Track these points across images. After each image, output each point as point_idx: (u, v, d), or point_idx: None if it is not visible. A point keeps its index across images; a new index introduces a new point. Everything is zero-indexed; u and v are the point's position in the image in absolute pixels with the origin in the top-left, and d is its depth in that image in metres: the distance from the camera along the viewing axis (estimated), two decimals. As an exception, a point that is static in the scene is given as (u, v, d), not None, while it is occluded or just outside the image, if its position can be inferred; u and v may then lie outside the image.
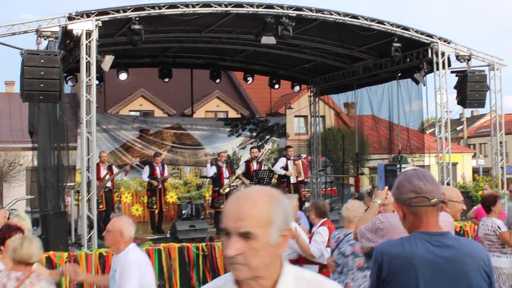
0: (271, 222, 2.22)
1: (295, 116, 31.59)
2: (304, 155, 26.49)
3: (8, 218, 8.65)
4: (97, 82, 15.54)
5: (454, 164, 34.79)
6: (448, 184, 15.46)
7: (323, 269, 7.51)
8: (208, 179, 17.20)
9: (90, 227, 12.13)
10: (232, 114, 32.58)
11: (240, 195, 2.29)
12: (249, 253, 2.19)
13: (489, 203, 8.37)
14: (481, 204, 8.79)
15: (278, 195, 2.31)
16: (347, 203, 7.30)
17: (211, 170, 15.65)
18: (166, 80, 19.92)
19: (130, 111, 30.97)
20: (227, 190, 15.35)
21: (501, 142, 16.90)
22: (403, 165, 20.35)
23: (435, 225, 3.14)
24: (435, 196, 3.12)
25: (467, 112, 48.19)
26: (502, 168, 16.82)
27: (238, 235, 2.20)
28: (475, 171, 38.77)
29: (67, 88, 17.26)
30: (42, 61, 11.46)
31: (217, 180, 15.58)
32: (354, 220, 6.22)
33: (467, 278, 3.05)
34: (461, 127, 52.47)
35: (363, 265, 6.19)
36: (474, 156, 43.73)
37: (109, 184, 15.10)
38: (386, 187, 5.25)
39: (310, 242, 7.41)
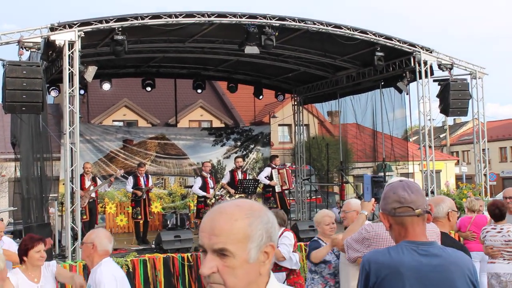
0: (249, 238, 2.05)
1: (279, 125, 31.67)
2: (288, 164, 26.55)
3: None
4: (81, 92, 15.55)
5: (438, 172, 35.07)
6: (432, 192, 15.56)
7: (290, 275, 7.63)
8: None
9: (74, 238, 12.04)
10: (216, 123, 32.57)
11: (216, 209, 2.13)
12: (225, 271, 2.04)
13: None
14: (489, 212, 8.70)
15: (259, 209, 2.14)
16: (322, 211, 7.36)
17: (198, 183, 15.60)
18: (149, 89, 19.88)
19: (113, 121, 30.84)
20: (213, 200, 15.34)
21: (483, 150, 17.02)
22: (387, 173, 20.50)
23: (422, 234, 3.17)
24: (419, 206, 3.14)
25: (450, 120, 48.76)
26: (485, 175, 16.92)
27: (213, 252, 2.05)
28: (458, 178, 39.04)
29: (50, 98, 17.18)
30: (24, 72, 11.38)
31: (203, 190, 15.53)
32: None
33: (453, 286, 3.09)
34: (444, 134, 52.90)
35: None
36: (457, 164, 44.04)
37: (93, 194, 15.02)
38: (373, 199, 5.27)
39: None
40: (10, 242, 9.04)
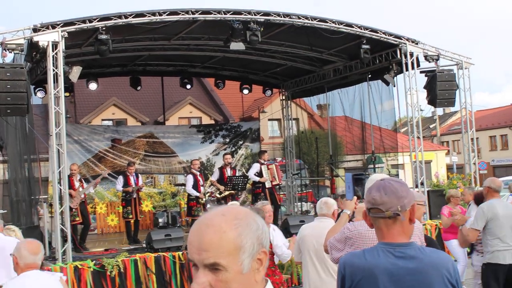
0: (240, 248, 1.97)
1: (269, 119, 31.66)
2: (279, 159, 26.54)
3: None
4: (67, 93, 15.45)
5: (428, 162, 35.21)
6: (422, 183, 15.59)
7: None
8: (183, 187, 17.14)
9: (64, 240, 11.99)
10: (206, 119, 32.52)
11: (203, 221, 2.03)
12: (218, 286, 1.96)
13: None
14: (475, 201, 8.75)
15: (247, 216, 2.04)
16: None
17: (189, 181, 15.56)
18: (138, 88, 19.82)
19: (102, 120, 30.77)
20: (204, 199, 15.32)
21: (472, 139, 17.06)
22: (377, 165, 20.52)
23: (398, 235, 3.11)
24: (390, 208, 3.08)
25: (440, 110, 48.86)
26: (474, 164, 16.96)
27: (204, 266, 1.97)
28: (449, 168, 39.14)
29: (37, 99, 17.08)
30: (8, 74, 11.31)
31: (194, 188, 15.48)
32: None
33: None
34: (434, 125, 52.99)
35: None
36: (448, 153, 44.16)
37: (82, 196, 14.95)
38: (355, 197, 5.25)
39: None
40: None
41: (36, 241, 5.67)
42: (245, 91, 21.22)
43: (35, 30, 11.91)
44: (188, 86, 20.48)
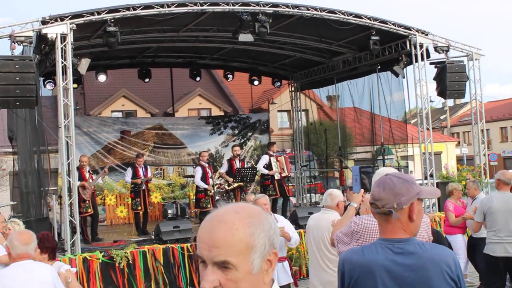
0: (251, 248, 1.94)
1: (278, 111, 31.62)
2: (288, 150, 26.54)
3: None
4: (75, 85, 15.50)
5: (438, 154, 35.10)
6: (431, 175, 15.52)
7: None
8: (192, 179, 17.15)
9: (73, 231, 12.05)
10: (215, 111, 32.51)
11: (215, 217, 1.98)
12: (227, 285, 1.92)
13: None
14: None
15: (260, 215, 2.01)
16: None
17: (198, 173, 15.54)
18: (147, 80, 19.83)
19: (112, 111, 30.81)
20: (212, 191, 15.32)
21: (482, 131, 16.96)
22: (386, 157, 20.45)
23: (397, 231, 3.09)
24: (385, 204, 3.07)
25: (450, 101, 48.61)
26: (484, 155, 16.88)
27: (213, 264, 1.93)
28: (459, 159, 39.02)
29: (47, 91, 17.13)
30: (17, 66, 11.35)
31: (203, 180, 15.46)
32: None
33: (429, 284, 3.01)
34: (444, 116, 52.80)
35: None
36: (458, 145, 44.00)
37: (92, 187, 14.99)
38: (362, 190, 5.22)
39: None
40: None
41: (28, 232, 5.77)
42: (255, 83, 21.21)
43: (43, 22, 11.92)
44: (198, 78, 20.47)
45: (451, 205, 11.17)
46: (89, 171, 14.99)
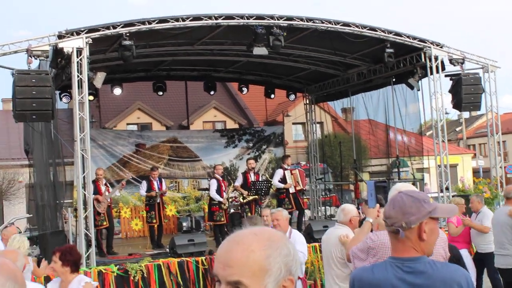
0: (266, 271, 1.91)
1: (293, 123, 31.60)
2: (303, 162, 26.49)
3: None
4: (91, 97, 15.59)
5: (454, 166, 34.89)
6: (447, 188, 15.41)
7: None
8: (207, 192, 17.15)
9: (89, 244, 12.08)
10: (230, 123, 32.54)
11: (234, 238, 2.00)
12: None
13: None
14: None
15: (279, 239, 1.99)
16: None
17: (213, 185, 15.51)
18: (161, 93, 19.90)
19: (127, 124, 30.95)
20: (227, 204, 15.31)
21: (499, 143, 16.84)
22: (401, 169, 20.37)
23: (407, 250, 3.04)
24: (394, 223, 3.03)
25: (466, 113, 48.28)
26: (501, 168, 16.76)
27: (227, 284, 1.92)
28: (475, 171, 38.72)
29: (63, 104, 17.26)
30: (34, 80, 11.45)
31: (218, 193, 15.43)
32: None
33: None
34: (460, 128, 52.49)
35: None
36: (474, 157, 43.67)
37: (108, 200, 15.04)
38: (378, 205, 5.18)
39: None
40: None
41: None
42: (271, 96, 21.27)
43: (60, 36, 12.02)
44: (212, 92, 20.50)
45: (453, 217, 11.08)
46: (105, 184, 15.06)
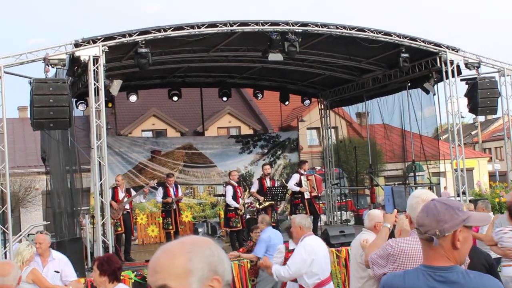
0: (189, 271, 2.04)
1: (307, 128, 31.56)
2: (318, 167, 26.46)
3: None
4: (109, 104, 15.67)
5: (470, 170, 34.65)
6: (463, 193, 15.32)
7: None
8: (223, 198, 17.17)
9: (106, 251, 12.13)
10: (245, 129, 32.55)
11: (163, 248, 2.14)
12: None
13: None
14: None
15: (201, 243, 2.13)
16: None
17: (229, 192, 15.51)
18: (176, 99, 19.98)
19: (142, 131, 31.05)
20: (243, 210, 15.31)
21: (515, 147, 16.71)
22: (417, 173, 20.28)
23: (439, 258, 3.00)
24: (428, 231, 2.99)
25: (481, 117, 47.96)
26: (517, 172, 16.65)
27: None
28: (491, 175, 38.47)
29: (79, 111, 17.37)
30: (51, 89, 11.56)
31: (233, 199, 15.44)
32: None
33: None
34: (475, 131, 52.18)
35: None
36: (490, 160, 43.40)
37: (127, 206, 15.06)
38: (395, 210, 5.16)
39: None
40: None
41: (7, 262, 5.75)
42: (286, 103, 21.33)
43: (76, 45, 12.13)
44: (225, 98, 20.53)
45: None
46: (126, 190, 15.10)
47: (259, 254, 10.03)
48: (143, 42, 12.77)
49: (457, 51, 15.36)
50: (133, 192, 15.43)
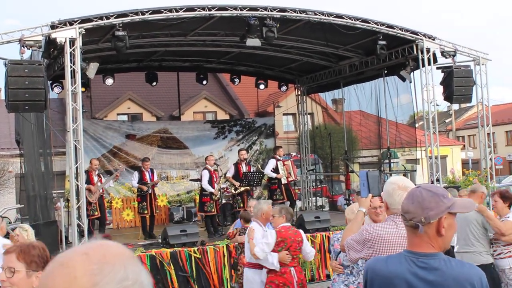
0: None
1: (284, 114, 31.59)
2: (294, 153, 26.51)
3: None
4: (83, 89, 15.53)
5: (444, 157, 35.00)
6: (437, 179, 15.51)
7: (268, 273, 7.83)
8: (198, 182, 17.12)
9: (81, 235, 12.09)
10: (221, 114, 32.46)
11: (60, 257, 1.56)
12: None
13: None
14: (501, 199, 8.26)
15: (114, 260, 1.53)
16: (352, 204, 7.38)
17: (205, 176, 15.45)
18: (154, 84, 19.90)
19: (118, 114, 30.77)
20: (218, 196, 15.29)
21: (488, 134, 16.92)
22: (392, 160, 20.45)
23: (423, 245, 3.02)
24: (413, 217, 3.01)
25: (455, 105, 48.44)
26: (490, 159, 16.87)
27: None
28: (464, 163, 38.95)
29: (54, 93, 17.19)
30: (26, 70, 11.42)
31: (209, 184, 15.40)
32: None
33: None
34: (449, 119, 52.72)
35: None
36: (463, 148, 43.91)
37: (100, 190, 15.02)
38: (370, 195, 5.19)
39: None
40: None
41: None
42: (261, 87, 21.27)
43: (52, 27, 11.99)
44: (204, 82, 20.53)
45: None
46: (98, 175, 15.05)
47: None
48: (121, 25, 12.67)
49: (433, 39, 15.49)
50: (103, 177, 15.36)
